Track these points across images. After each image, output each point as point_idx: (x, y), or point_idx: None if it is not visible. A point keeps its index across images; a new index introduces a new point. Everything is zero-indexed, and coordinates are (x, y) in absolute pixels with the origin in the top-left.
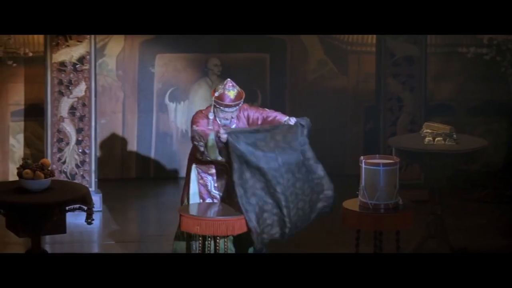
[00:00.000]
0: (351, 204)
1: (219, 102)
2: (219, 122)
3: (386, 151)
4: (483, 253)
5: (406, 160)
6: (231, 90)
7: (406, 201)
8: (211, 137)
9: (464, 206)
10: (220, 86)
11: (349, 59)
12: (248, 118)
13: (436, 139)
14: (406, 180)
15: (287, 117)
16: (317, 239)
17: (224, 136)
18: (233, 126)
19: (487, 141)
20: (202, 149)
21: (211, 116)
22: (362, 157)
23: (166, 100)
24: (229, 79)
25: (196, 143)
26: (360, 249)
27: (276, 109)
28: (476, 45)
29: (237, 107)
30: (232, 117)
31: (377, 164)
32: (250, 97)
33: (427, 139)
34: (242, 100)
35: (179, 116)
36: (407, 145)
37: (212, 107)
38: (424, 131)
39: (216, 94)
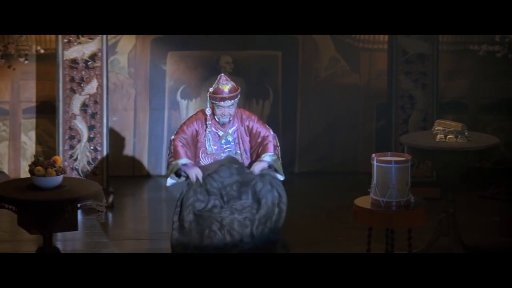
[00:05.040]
0: (363, 202)
1: (214, 96)
2: (217, 120)
3: (398, 148)
4: (496, 250)
5: (418, 157)
6: (225, 84)
7: (418, 199)
8: (180, 162)
9: (476, 203)
10: (214, 82)
11: (361, 57)
12: (250, 129)
13: (448, 136)
14: (418, 177)
15: (272, 153)
16: (329, 236)
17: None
18: (232, 129)
19: (499, 139)
20: (168, 159)
21: (208, 112)
22: (374, 155)
23: (178, 97)
24: (222, 74)
25: (167, 153)
26: (371, 246)
27: (289, 107)
28: (488, 43)
29: (232, 101)
30: (230, 114)
31: (389, 162)
32: (262, 95)
33: (439, 136)
34: (238, 94)
35: (191, 113)
36: (419, 143)
37: (208, 103)
38: (436, 128)
39: (211, 89)
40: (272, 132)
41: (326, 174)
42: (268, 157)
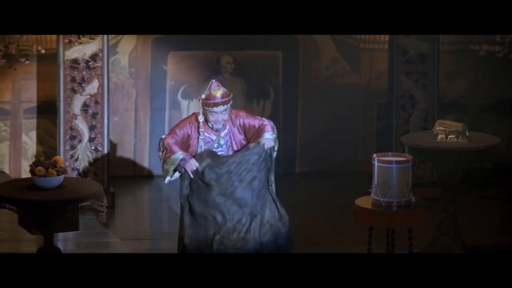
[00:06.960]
0: (364, 202)
1: (206, 102)
2: (210, 127)
3: (399, 148)
4: (496, 250)
5: (419, 157)
6: (216, 90)
7: (418, 199)
8: (176, 156)
9: (477, 203)
10: (206, 89)
11: (362, 57)
12: (243, 126)
13: (449, 136)
14: (419, 178)
15: (270, 132)
16: (329, 236)
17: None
18: (225, 132)
19: (500, 139)
20: (160, 157)
21: (201, 119)
22: (374, 155)
23: (179, 97)
24: (214, 80)
25: (158, 152)
26: (372, 246)
27: (289, 107)
28: (488, 43)
29: (225, 106)
30: (224, 120)
31: (390, 162)
32: (262, 95)
33: (439, 136)
34: (230, 99)
35: (191, 113)
36: (419, 143)
37: (201, 111)
38: (437, 128)
39: (203, 96)
40: (265, 119)
41: (326, 174)
42: (267, 135)
